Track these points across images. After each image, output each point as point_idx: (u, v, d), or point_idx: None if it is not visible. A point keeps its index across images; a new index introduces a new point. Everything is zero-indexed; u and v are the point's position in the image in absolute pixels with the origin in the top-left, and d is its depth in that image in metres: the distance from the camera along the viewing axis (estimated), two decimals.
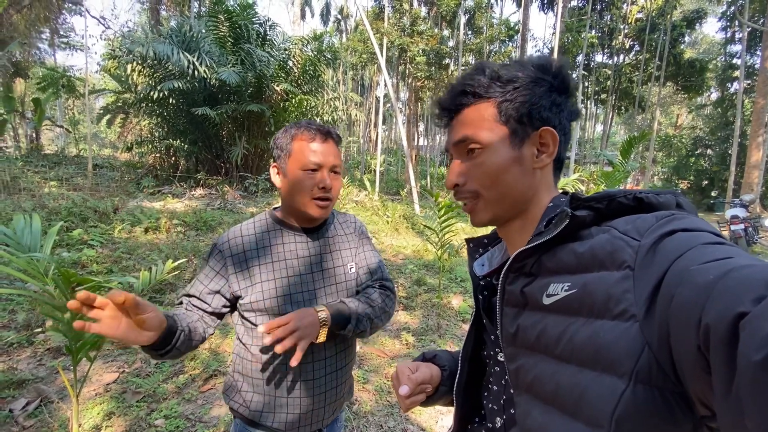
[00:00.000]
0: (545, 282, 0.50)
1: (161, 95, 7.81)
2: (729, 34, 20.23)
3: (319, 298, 1.05)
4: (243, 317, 1.04)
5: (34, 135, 12.00)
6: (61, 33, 15.40)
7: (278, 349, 0.86)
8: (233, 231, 1.06)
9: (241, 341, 1.06)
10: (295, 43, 9.34)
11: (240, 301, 1.02)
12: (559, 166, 0.61)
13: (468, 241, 0.72)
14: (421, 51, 16.90)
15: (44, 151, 11.68)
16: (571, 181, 6.64)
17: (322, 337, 0.96)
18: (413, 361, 0.76)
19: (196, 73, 7.53)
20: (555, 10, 15.78)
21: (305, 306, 1.01)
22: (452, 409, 0.69)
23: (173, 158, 9.76)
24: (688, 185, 20.47)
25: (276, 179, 1.05)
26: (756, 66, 16.70)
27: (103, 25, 14.01)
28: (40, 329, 2.88)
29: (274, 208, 1.13)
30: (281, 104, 9.02)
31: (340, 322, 0.99)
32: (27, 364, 2.54)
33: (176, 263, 2.02)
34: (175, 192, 7.94)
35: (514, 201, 0.59)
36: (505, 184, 0.58)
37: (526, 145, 0.57)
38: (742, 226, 7.23)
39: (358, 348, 3.18)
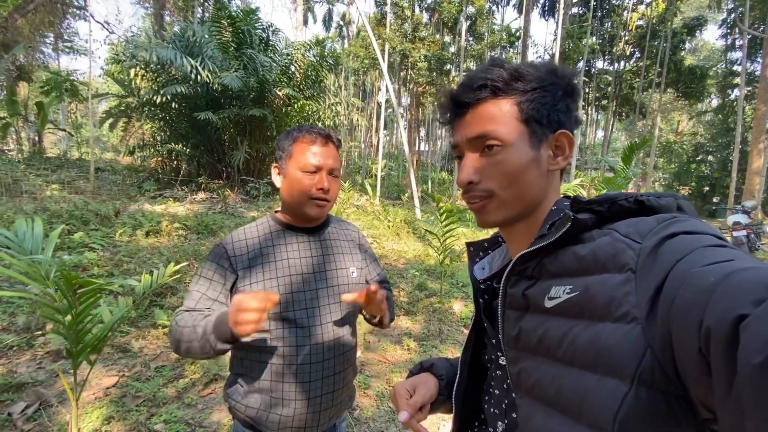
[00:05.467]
0: (547, 285, 0.50)
1: (164, 99, 7.84)
2: (729, 41, 20.36)
3: (321, 298, 1.06)
4: None
5: (36, 138, 12.03)
6: (66, 37, 15.51)
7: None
8: (237, 234, 1.08)
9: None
10: (298, 49, 9.39)
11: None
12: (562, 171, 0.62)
13: (468, 244, 0.72)
14: (422, 57, 17.01)
15: (46, 154, 11.71)
16: (572, 187, 6.64)
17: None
18: (410, 378, 0.75)
19: (198, 77, 7.56)
20: (556, 17, 15.87)
21: (308, 305, 1.04)
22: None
23: (175, 162, 9.78)
24: (690, 191, 20.46)
25: (276, 179, 1.08)
26: (756, 73, 16.75)
27: (107, 29, 14.06)
28: (40, 332, 2.88)
29: (275, 212, 1.15)
30: (283, 109, 9.06)
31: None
32: (26, 368, 2.53)
33: (177, 267, 2.02)
34: (176, 196, 7.95)
35: (527, 202, 0.57)
36: (522, 184, 0.56)
37: (543, 147, 0.57)
38: (744, 232, 7.21)
39: (359, 354, 3.17)
